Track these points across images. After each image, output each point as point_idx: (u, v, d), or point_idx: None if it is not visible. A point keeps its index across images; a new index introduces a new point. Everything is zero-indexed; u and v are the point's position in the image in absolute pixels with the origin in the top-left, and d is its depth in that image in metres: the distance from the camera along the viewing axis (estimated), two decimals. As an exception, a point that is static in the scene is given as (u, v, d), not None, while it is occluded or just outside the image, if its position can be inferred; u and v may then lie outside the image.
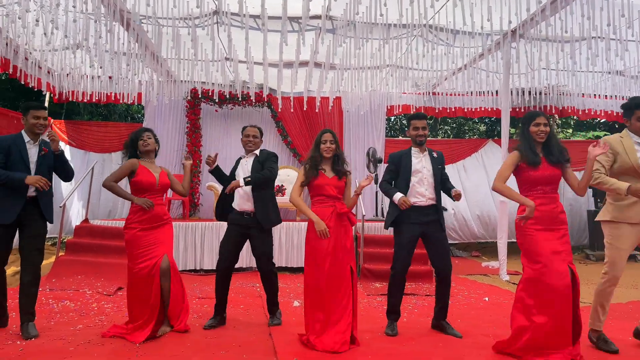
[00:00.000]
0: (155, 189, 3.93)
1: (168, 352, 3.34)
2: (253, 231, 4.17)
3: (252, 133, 4.31)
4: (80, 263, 6.28)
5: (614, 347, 3.50)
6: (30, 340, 3.57)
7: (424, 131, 4.03)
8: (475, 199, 10.12)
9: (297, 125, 9.62)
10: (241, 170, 4.26)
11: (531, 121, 3.50)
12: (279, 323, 4.20)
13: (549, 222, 3.38)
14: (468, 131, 17.02)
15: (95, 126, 10.12)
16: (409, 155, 4.08)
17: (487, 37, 6.86)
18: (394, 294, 4.07)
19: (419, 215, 3.95)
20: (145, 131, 4.06)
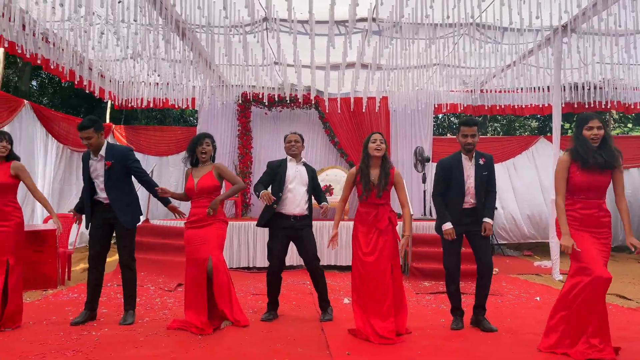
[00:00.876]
0: (194, 192, 4.19)
1: (228, 344, 3.57)
2: (299, 233, 4.41)
3: (294, 138, 4.56)
4: (142, 261, 6.61)
5: None
6: (105, 330, 3.91)
7: (473, 139, 4.01)
8: (525, 198, 9.95)
9: (344, 126, 9.77)
10: (294, 176, 4.45)
11: (584, 124, 3.45)
12: (331, 319, 4.36)
13: (593, 227, 3.40)
14: (519, 128, 16.64)
15: (152, 130, 10.65)
16: (460, 162, 4.09)
17: (536, 33, 6.77)
18: (455, 291, 4.17)
19: (462, 217, 4.04)
20: (204, 138, 4.29)
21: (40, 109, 8.10)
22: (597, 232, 3.40)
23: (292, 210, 4.39)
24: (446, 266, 4.13)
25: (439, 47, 6.92)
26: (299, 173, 4.49)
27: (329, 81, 7.45)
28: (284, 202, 4.40)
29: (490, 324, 4.04)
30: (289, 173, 4.46)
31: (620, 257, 9.44)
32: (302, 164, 4.56)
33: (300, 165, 4.55)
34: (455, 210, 4.04)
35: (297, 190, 4.41)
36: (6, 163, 4.13)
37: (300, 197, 4.40)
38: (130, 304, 4.21)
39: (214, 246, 4.11)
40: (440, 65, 8.20)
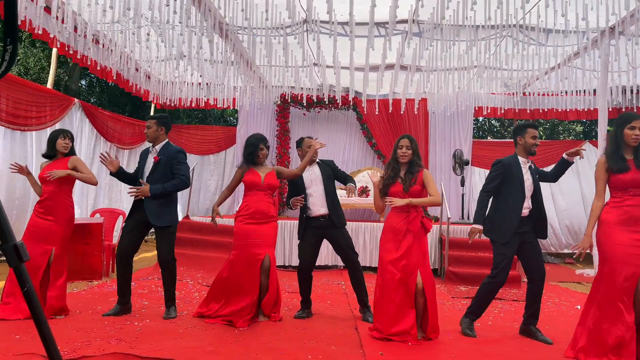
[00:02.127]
0: (261, 186, 4.29)
1: (264, 339, 3.65)
2: (329, 231, 4.47)
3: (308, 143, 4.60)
4: (182, 256, 6.82)
5: None
6: (147, 322, 4.06)
7: (536, 140, 4.00)
8: (564, 207, 9.71)
9: (381, 127, 9.76)
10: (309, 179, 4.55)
11: (627, 123, 3.40)
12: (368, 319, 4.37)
13: (635, 223, 3.31)
14: (563, 132, 16.17)
15: (194, 129, 10.93)
16: (518, 164, 4.01)
17: (582, 35, 6.59)
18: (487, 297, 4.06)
19: (521, 226, 3.91)
20: (261, 141, 4.38)
21: (89, 107, 8.45)
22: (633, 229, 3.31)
23: (317, 211, 4.47)
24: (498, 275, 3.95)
25: (480, 49, 6.83)
26: (314, 174, 4.57)
27: (368, 82, 7.47)
28: (309, 207, 4.50)
29: (543, 335, 3.91)
30: (305, 178, 4.56)
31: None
32: (316, 164, 4.61)
33: (314, 166, 4.61)
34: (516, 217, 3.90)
35: (317, 191, 4.50)
36: (65, 158, 4.34)
37: (321, 197, 4.48)
38: (170, 300, 4.30)
39: (271, 244, 4.25)
40: (480, 68, 8.09)
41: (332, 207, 4.49)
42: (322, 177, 4.54)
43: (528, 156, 4.03)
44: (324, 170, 4.58)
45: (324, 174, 4.55)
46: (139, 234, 4.30)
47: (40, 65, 13.75)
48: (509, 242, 3.90)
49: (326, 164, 4.66)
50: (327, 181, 4.53)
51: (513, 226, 3.87)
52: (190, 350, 3.29)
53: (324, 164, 4.66)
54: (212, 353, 3.27)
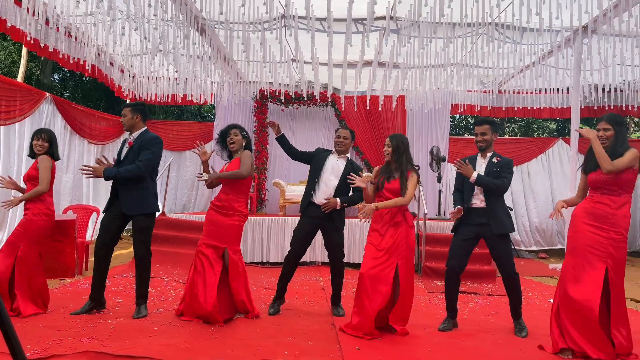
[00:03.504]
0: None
1: (240, 336, 3.62)
2: (328, 225, 4.44)
3: (343, 134, 4.57)
4: (158, 253, 6.71)
5: None
6: (120, 319, 3.99)
7: (483, 137, 4.07)
8: (534, 206, 9.95)
9: (360, 124, 9.77)
10: (331, 168, 4.50)
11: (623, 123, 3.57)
12: (343, 314, 4.39)
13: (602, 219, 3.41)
14: (537, 129, 16.46)
15: (170, 125, 10.79)
16: (474, 161, 4.15)
17: (556, 34, 6.70)
18: (447, 291, 4.14)
19: (474, 217, 4.03)
20: (232, 128, 4.33)
21: (61, 102, 8.26)
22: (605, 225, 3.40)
23: (321, 200, 4.43)
24: (447, 264, 4.13)
25: (457, 46, 6.90)
26: (337, 166, 4.51)
27: (346, 79, 7.47)
28: (316, 191, 4.47)
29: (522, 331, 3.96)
30: (327, 164, 4.52)
31: (637, 261, 9.31)
32: (344, 159, 4.57)
33: (342, 159, 4.56)
34: (466, 209, 4.06)
35: (330, 182, 4.45)
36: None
37: (331, 188, 4.43)
38: (142, 297, 4.21)
39: (231, 239, 4.17)
40: (457, 65, 8.17)
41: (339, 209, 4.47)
42: (343, 173, 4.46)
43: (480, 152, 4.13)
44: (346, 170, 4.44)
45: (345, 172, 4.42)
46: (117, 229, 4.21)
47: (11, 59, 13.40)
48: (458, 232, 4.10)
49: (352, 166, 4.54)
50: (345, 179, 4.41)
51: (461, 218, 4.07)
52: (164, 348, 3.24)
53: (352, 164, 4.57)
54: (187, 350, 3.23)
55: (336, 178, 4.46)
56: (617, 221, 3.40)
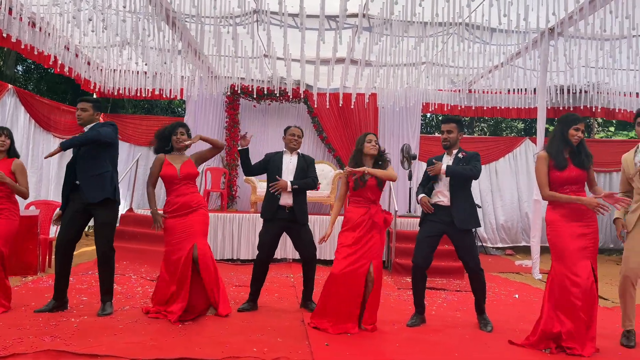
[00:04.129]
0: (178, 179, 4.15)
1: (208, 333, 3.58)
2: (292, 225, 4.44)
3: (297, 133, 4.60)
4: (125, 250, 6.64)
5: (631, 344, 3.62)
6: (84, 318, 3.89)
7: (449, 135, 4.11)
8: (501, 204, 10.18)
9: (332, 121, 9.79)
10: (286, 166, 4.53)
11: (573, 124, 3.57)
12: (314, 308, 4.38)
13: (577, 218, 3.50)
14: (505, 128, 16.80)
15: (139, 120, 10.58)
16: (440, 158, 4.21)
17: (524, 35, 6.84)
18: (414, 287, 4.17)
19: (441, 215, 4.06)
20: (179, 127, 4.25)
21: (24, 94, 8.00)
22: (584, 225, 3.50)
23: (283, 200, 4.43)
24: (413, 260, 4.14)
25: (428, 45, 6.97)
26: (291, 164, 4.54)
27: (319, 76, 7.46)
28: (281, 193, 4.46)
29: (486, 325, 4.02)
30: (283, 165, 4.54)
31: (602, 258, 9.61)
32: (296, 155, 4.59)
33: (294, 156, 4.58)
34: (438, 207, 4.09)
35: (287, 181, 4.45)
36: (8, 160, 4.23)
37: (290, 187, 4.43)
38: (107, 294, 4.11)
39: (199, 234, 4.12)
40: (429, 64, 8.26)
41: (297, 202, 4.45)
42: (297, 169, 4.49)
43: (445, 150, 4.19)
44: (300, 163, 4.52)
45: (299, 167, 4.49)
46: (79, 224, 4.10)
47: (-29, 48, 12.89)
48: (423, 227, 4.15)
49: (304, 159, 4.59)
50: (299, 174, 4.47)
51: (425, 213, 4.12)
52: (130, 346, 3.17)
53: (303, 158, 4.60)
54: (154, 348, 3.17)
55: (292, 175, 4.48)
56: (592, 216, 3.54)
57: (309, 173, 4.53)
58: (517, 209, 10.16)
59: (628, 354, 3.47)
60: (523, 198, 10.12)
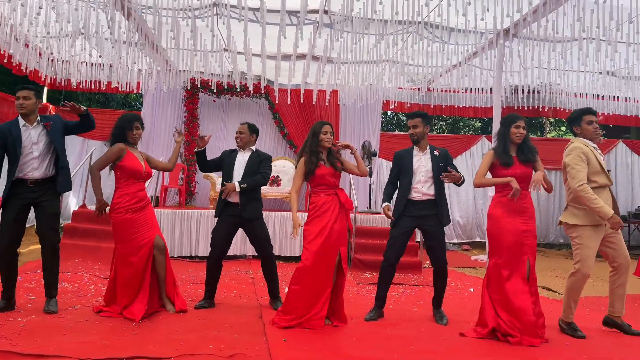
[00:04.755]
0: (142, 176, 4.06)
1: (164, 330, 3.50)
2: (243, 221, 4.39)
3: (240, 130, 4.55)
4: (78, 247, 6.43)
5: (580, 334, 3.77)
6: (32, 317, 3.73)
7: (415, 129, 4.19)
8: (457, 201, 10.44)
9: (293, 117, 9.76)
10: (238, 164, 4.47)
11: (512, 123, 3.79)
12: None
13: (517, 214, 3.67)
14: (463, 127, 17.19)
15: (94, 113, 10.16)
16: (410, 154, 4.25)
17: (481, 36, 7.01)
18: (381, 282, 4.22)
19: (415, 209, 4.12)
20: (137, 120, 4.14)
21: (-31, 85, 7.61)
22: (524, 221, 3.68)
23: (232, 197, 4.37)
24: (385, 256, 4.21)
25: (389, 43, 7.04)
26: (242, 161, 4.49)
27: (280, 71, 7.41)
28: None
29: (442, 319, 4.11)
30: (236, 163, 4.49)
31: (550, 252, 9.99)
32: (249, 152, 4.53)
33: (247, 153, 4.52)
34: (404, 201, 4.14)
35: (238, 176, 4.40)
36: None
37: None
38: (53, 289, 3.98)
39: (157, 227, 4.10)
40: (389, 62, 8.34)
41: (245, 199, 4.37)
42: (246, 166, 4.43)
43: (414, 145, 4.27)
44: (251, 160, 4.46)
45: (249, 164, 4.43)
46: (20, 221, 3.93)
47: None
48: (397, 224, 4.17)
49: (257, 155, 4.51)
50: (249, 171, 4.40)
51: (400, 209, 4.15)
52: (80, 346, 3.06)
53: (256, 154, 4.53)
54: (105, 347, 3.07)
55: (241, 171, 4.43)
56: (532, 213, 3.74)
57: (261, 169, 4.45)
58: (472, 206, 10.44)
59: (575, 344, 3.60)
60: (478, 195, 10.39)
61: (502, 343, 3.50)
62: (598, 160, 3.81)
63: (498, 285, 3.65)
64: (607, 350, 3.49)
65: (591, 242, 3.75)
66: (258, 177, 4.39)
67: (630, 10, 5.40)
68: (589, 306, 4.95)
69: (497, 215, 3.72)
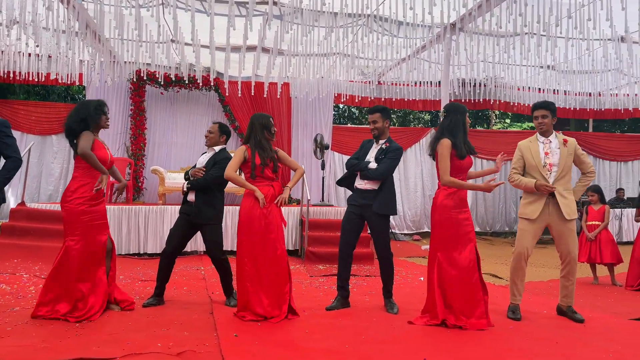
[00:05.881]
0: (108, 165, 3.87)
1: (108, 330, 3.37)
2: (197, 220, 4.28)
3: (209, 128, 4.46)
4: (16, 247, 6.12)
5: (518, 315, 3.97)
6: (-36, 322, 3.52)
7: (375, 124, 4.26)
8: (406, 193, 10.66)
9: (244, 110, 9.64)
10: (199, 164, 4.41)
11: (466, 113, 3.85)
12: (236, 305, 4.27)
13: (462, 205, 3.81)
14: (413, 119, 17.51)
15: (33, 106, 9.73)
16: (369, 146, 4.35)
17: (428, 29, 7.13)
18: (339, 269, 4.32)
19: (358, 198, 4.24)
20: (106, 105, 3.92)
21: None
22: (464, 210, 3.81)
23: (190, 196, 4.30)
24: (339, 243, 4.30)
25: (339, 36, 7.05)
26: (203, 159, 4.41)
27: (230, 63, 7.27)
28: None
29: (393, 307, 4.18)
30: (197, 162, 4.44)
31: (497, 241, 10.36)
32: (212, 152, 4.41)
33: (209, 153, 4.42)
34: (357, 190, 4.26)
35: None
36: None
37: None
38: None
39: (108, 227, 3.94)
40: (340, 55, 8.36)
41: (199, 199, 4.25)
42: (206, 165, 4.32)
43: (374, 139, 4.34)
44: (210, 160, 4.32)
45: (208, 164, 4.31)
46: None
47: None
48: (347, 211, 4.33)
49: (216, 155, 4.34)
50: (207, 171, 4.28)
51: (351, 199, 4.30)
52: (17, 349, 2.90)
53: (216, 154, 4.35)
54: (45, 350, 2.92)
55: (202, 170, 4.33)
56: (467, 202, 3.88)
57: (213, 170, 4.28)
58: (420, 197, 10.69)
59: (518, 327, 3.75)
60: (427, 186, 10.65)
61: (450, 330, 3.59)
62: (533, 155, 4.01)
63: (443, 275, 3.72)
64: (549, 331, 3.65)
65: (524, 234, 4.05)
66: (200, 180, 4.24)
67: (569, 6, 5.61)
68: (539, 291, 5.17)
69: (447, 206, 3.76)
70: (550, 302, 4.54)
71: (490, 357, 3.09)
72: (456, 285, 3.68)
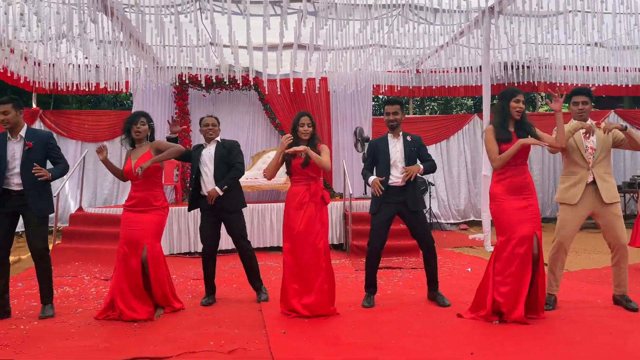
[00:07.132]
0: (133, 175, 4.00)
1: (163, 330, 3.54)
2: (223, 214, 4.40)
3: (211, 122, 4.51)
4: (77, 250, 6.47)
5: (551, 307, 3.88)
6: (34, 324, 3.77)
7: (395, 116, 4.20)
8: (450, 182, 10.49)
9: (284, 107, 9.74)
10: (207, 159, 4.44)
11: (512, 97, 3.70)
12: (267, 299, 4.39)
13: (518, 192, 3.65)
14: (456, 106, 17.16)
15: (85, 115, 10.20)
16: (385, 141, 4.27)
17: (466, 15, 6.98)
18: (368, 269, 4.28)
19: (394, 195, 4.16)
20: (139, 116, 4.10)
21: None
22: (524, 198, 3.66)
23: (206, 191, 4.38)
24: (369, 244, 4.26)
25: (374, 27, 7.00)
26: (209, 154, 4.45)
27: (267, 62, 7.37)
28: (202, 184, 4.42)
29: (444, 299, 4.15)
30: (202, 156, 4.46)
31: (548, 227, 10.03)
32: (214, 144, 4.50)
33: (213, 145, 4.50)
34: (391, 188, 4.16)
35: (209, 171, 4.39)
36: None
37: (211, 177, 4.37)
38: (48, 297, 4.01)
39: (150, 234, 3.98)
40: (376, 46, 8.31)
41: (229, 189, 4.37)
42: (215, 157, 4.41)
43: (391, 131, 4.27)
44: (218, 151, 4.42)
45: (217, 156, 4.39)
46: (13, 226, 3.98)
47: None
48: (379, 211, 4.21)
49: (223, 146, 4.47)
50: (218, 162, 4.37)
51: (381, 197, 4.14)
52: (81, 349, 3.11)
53: (221, 145, 4.49)
54: (106, 350, 3.12)
55: (211, 164, 4.40)
56: (533, 188, 3.74)
57: (232, 159, 4.39)
58: (465, 185, 10.48)
59: (570, 318, 3.66)
60: (471, 174, 10.44)
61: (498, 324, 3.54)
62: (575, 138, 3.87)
63: (505, 261, 3.60)
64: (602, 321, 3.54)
65: (566, 220, 3.90)
66: (234, 172, 4.36)
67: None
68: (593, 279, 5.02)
69: (497, 193, 3.69)
70: (605, 290, 4.39)
71: (542, 349, 3.04)
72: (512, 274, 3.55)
